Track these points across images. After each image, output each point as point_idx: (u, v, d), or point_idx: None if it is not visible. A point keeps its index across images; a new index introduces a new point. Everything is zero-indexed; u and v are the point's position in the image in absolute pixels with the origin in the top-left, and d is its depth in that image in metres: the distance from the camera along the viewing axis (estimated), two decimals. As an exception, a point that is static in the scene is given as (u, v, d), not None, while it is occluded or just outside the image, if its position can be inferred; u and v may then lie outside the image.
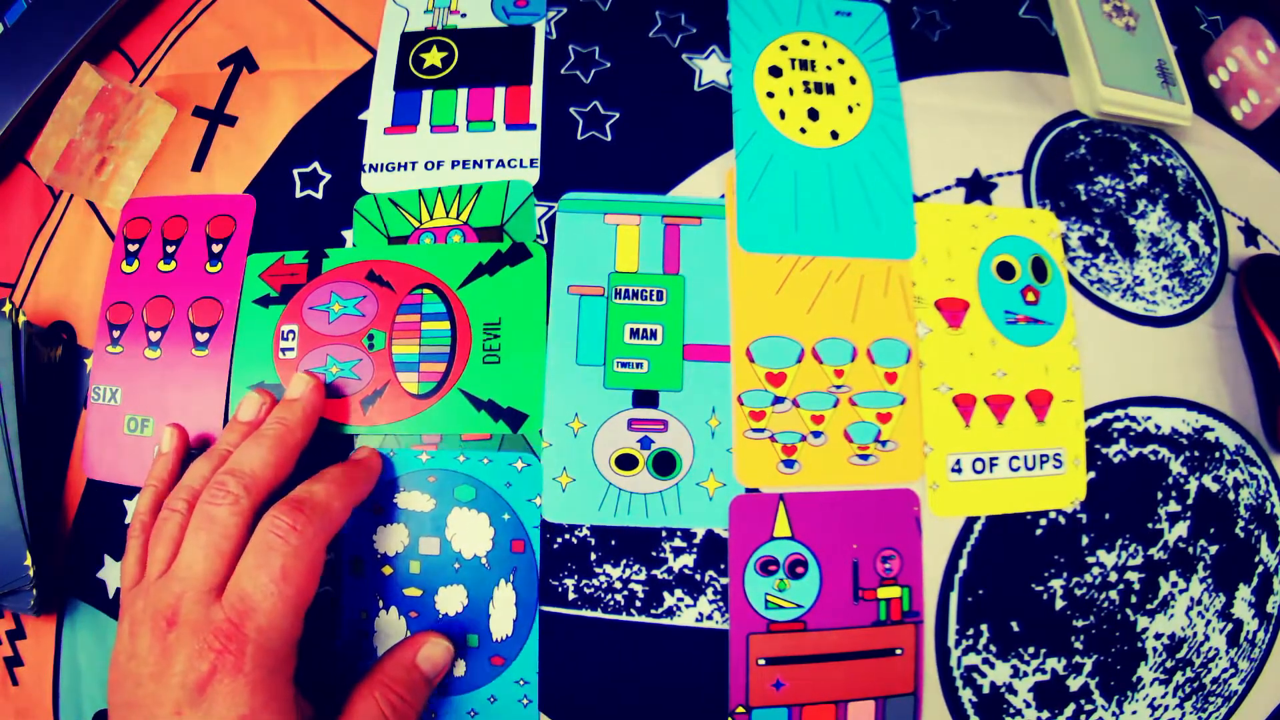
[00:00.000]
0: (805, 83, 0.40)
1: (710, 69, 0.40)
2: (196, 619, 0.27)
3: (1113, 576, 0.37)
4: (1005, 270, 0.39)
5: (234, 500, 0.29)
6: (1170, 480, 0.38)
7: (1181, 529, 0.38)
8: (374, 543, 0.35)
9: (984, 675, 0.36)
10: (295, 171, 0.39)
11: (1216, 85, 0.45)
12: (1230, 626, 0.39)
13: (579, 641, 0.34)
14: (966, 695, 0.36)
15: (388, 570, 0.35)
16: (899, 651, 0.35)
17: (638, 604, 0.34)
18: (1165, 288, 0.41)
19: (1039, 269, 0.39)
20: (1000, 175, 0.40)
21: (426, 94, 0.40)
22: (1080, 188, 0.41)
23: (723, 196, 0.38)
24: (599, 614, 0.34)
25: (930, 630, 0.35)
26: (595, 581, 0.35)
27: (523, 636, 0.34)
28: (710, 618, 0.34)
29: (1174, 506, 0.38)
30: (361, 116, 0.40)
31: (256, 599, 0.27)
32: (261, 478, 0.30)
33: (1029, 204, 0.40)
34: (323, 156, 0.39)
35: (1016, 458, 0.37)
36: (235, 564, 0.28)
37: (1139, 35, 0.44)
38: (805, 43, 0.41)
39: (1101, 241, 0.40)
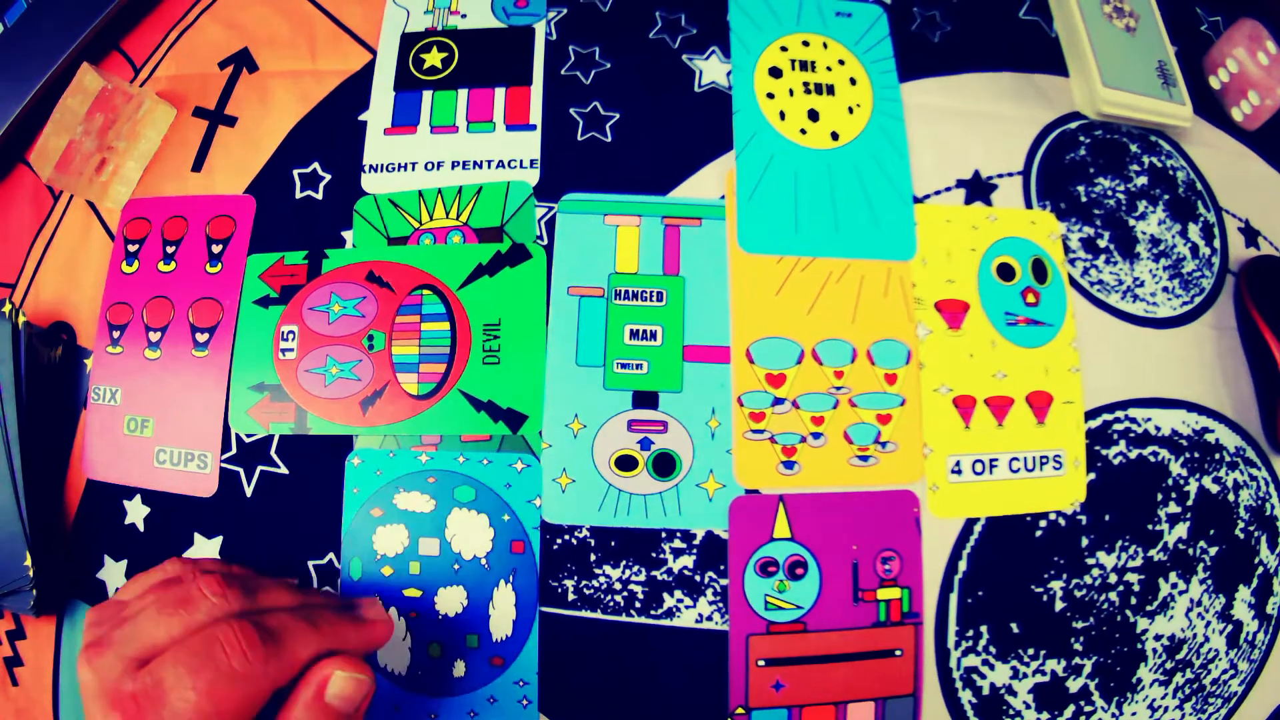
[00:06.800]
0: (805, 84, 0.40)
1: (710, 70, 0.40)
2: (107, 677, 0.25)
3: (1112, 578, 0.37)
4: (1005, 271, 0.39)
5: (219, 606, 0.27)
6: (1170, 482, 0.38)
7: (1181, 530, 0.38)
8: (373, 544, 0.35)
9: (984, 676, 0.36)
10: (295, 172, 0.39)
11: (1217, 86, 0.45)
12: (1230, 628, 0.39)
13: (579, 642, 0.34)
14: (966, 696, 0.36)
15: (388, 571, 0.35)
16: (899, 653, 0.35)
17: (637, 605, 0.34)
18: (1165, 289, 0.40)
19: (1039, 270, 0.39)
20: (1000, 176, 0.40)
21: (426, 94, 0.40)
22: (1080, 189, 0.41)
23: (723, 197, 0.38)
24: (599, 615, 0.34)
25: (930, 631, 0.35)
26: (595, 582, 0.35)
27: (522, 637, 0.34)
28: (710, 619, 0.34)
29: (1174, 508, 0.38)
30: (361, 117, 0.40)
31: (170, 696, 0.25)
32: (259, 609, 0.28)
33: (1029, 205, 0.40)
34: (323, 157, 0.39)
35: (1016, 459, 0.37)
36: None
37: (1139, 36, 0.44)
38: (805, 44, 0.41)
39: (1102, 243, 0.40)
